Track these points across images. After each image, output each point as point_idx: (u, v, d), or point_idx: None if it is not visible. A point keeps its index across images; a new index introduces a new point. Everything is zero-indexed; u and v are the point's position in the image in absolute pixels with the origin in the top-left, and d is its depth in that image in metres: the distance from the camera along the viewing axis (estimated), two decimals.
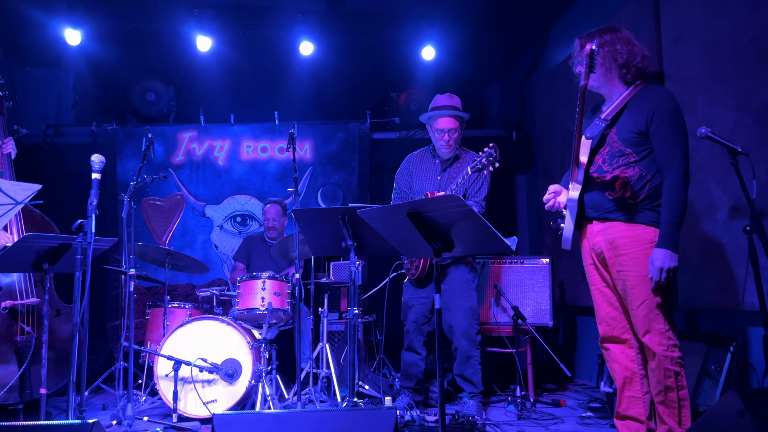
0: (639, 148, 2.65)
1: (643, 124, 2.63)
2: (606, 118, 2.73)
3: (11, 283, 3.63)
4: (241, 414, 1.99)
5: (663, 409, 2.61)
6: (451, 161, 3.95)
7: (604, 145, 2.73)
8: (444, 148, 3.91)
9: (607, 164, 2.72)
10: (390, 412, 1.94)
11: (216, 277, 6.00)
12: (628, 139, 2.66)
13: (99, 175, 2.82)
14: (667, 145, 2.60)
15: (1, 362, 3.52)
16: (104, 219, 5.75)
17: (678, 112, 2.63)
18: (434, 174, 3.97)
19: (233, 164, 6.21)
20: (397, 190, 4.10)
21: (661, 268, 2.52)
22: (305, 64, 6.26)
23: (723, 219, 3.42)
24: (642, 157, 2.66)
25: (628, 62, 2.69)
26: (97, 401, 4.26)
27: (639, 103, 2.66)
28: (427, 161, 4.04)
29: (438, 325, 2.53)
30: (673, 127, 2.61)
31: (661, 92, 2.70)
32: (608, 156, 2.72)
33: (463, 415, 3.11)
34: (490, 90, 6.83)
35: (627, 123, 2.67)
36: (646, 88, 2.71)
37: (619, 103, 2.71)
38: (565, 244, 2.82)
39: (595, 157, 2.75)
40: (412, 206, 2.40)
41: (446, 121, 3.87)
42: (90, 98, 6.37)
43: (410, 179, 4.04)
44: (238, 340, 3.75)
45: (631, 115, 2.67)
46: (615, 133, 2.70)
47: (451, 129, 3.85)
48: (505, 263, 4.51)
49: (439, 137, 3.88)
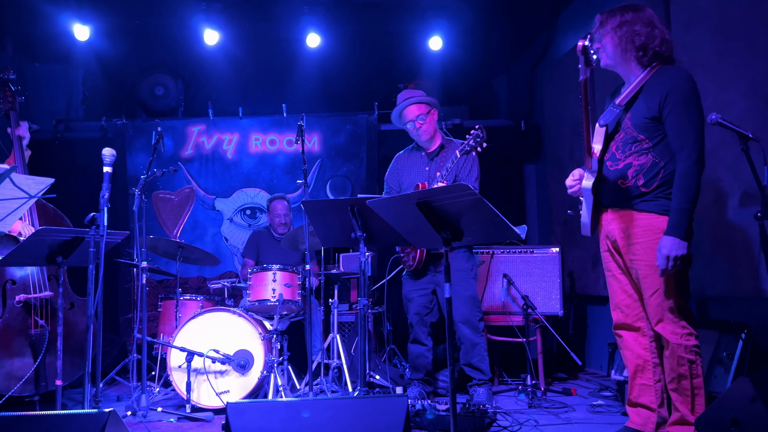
0: (652, 134, 2.59)
1: (656, 109, 2.56)
2: (621, 104, 2.68)
3: (25, 277, 3.67)
4: (254, 402, 2.02)
5: (676, 396, 2.61)
6: (437, 151, 3.95)
7: (619, 131, 2.68)
8: (422, 137, 3.90)
9: (620, 151, 2.67)
10: (402, 400, 1.96)
11: (227, 269, 6.04)
12: (641, 125, 2.61)
13: (110, 168, 2.84)
14: (680, 129, 2.53)
15: (17, 355, 3.57)
16: (115, 213, 5.76)
17: (693, 94, 2.55)
18: (422, 166, 3.97)
19: (242, 157, 6.23)
20: (387, 190, 4.11)
21: (668, 256, 2.47)
22: (312, 56, 6.25)
23: (734, 206, 3.40)
24: (655, 143, 2.60)
25: (645, 45, 2.60)
26: (111, 393, 4.32)
27: (653, 86, 2.59)
28: (414, 156, 4.05)
29: (448, 314, 2.53)
30: (687, 110, 2.53)
31: (676, 73, 2.60)
32: (622, 143, 2.67)
33: (474, 404, 3.12)
34: (498, 80, 6.80)
35: (641, 108, 2.61)
36: (662, 69, 2.63)
37: (634, 87, 2.65)
38: (584, 230, 2.80)
39: (610, 144, 2.70)
40: (422, 195, 2.40)
41: (410, 110, 3.87)
42: (99, 93, 6.41)
43: (399, 177, 4.05)
44: (250, 332, 3.78)
45: (645, 100, 2.60)
46: (629, 119, 2.64)
47: (419, 115, 3.85)
48: (514, 253, 4.51)
49: (411, 128, 3.89)
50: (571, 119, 5.40)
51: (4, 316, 3.56)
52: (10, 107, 3.70)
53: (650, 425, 2.75)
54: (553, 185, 5.98)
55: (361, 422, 1.96)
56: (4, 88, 3.70)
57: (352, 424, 1.96)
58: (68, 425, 1.96)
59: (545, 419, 3.39)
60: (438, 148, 3.95)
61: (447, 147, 3.95)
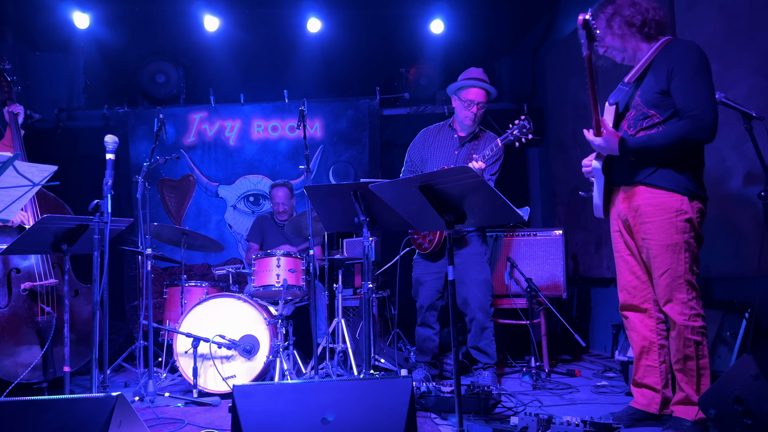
0: (663, 109, 2.57)
1: (665, 82, 2.54)
2: (629, 81, 2.67)
3: (30, 266, 3.69)
4: (260, 385, 2.03)
5: (681, 376, 2.62)
6: (469, 138, 3.92)
7: (630, 110, 2.67)
8: (468, 120, 3.86)
9: (631, 128, 2.66)
10: (406, 381, 1.97)
11: (231, 256, 6.06)
12: (650, 100, 2.59)
13: (113, 155, 2.83)
14: (687, 97, 2.49)
15: (24, 343, 3.60)
16: (119, 201, 5.81)
17: (702, 65, 2.51)
18: (452, 149, 3.94)
19: (244, 144, 6.23)
20: (408, 162, 4.07)
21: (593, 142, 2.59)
22: (313, 41, 6.22)
23: (738, 186, 3.39)
24: (666, 117, 2.57)
25: (644, 21, 2.60)
26: (118, 379, 4.35)
27: (661, 60, 2.58)
28: (444, 135, 4.00)
29: (452, 298, 2.54)
30: (695, 79, 2.49)
31: (682, 45, 2.58)
32: (633, 120, 2.65)
33: (479, 386, 3.14)
34: (500, 62, 6.76)
35: (650, 83, 2.59)
36: (670, 43, 2.61)
37: (642, 63, 2.64)
38: (597, 212, 2.81)
39: (621, 123, 2.70)
40: (424, 179, 2.41)
41: (477, 92, 3.84)
42: (101, 81, 6.39)
43: (423, 152, 4.01)
44: (255, 317, 3.80)
45: (654, 75, 2.59)
46: (639, 96, 2.63)
47: (480, 102, 3.83)
48: (518, 236, 4.51)
49: (467, 108, 3.84)
50: (574, 102, 5.37)
51: (11, 305, 3.59)
52: (6, 97, 3.69)
53: (654, 405, 2.78)
54: (556, 168, 5.97)
55: (366, 403, 1.97)
56: (0, 79, 3.69)
57: (358, 405, 1.97)
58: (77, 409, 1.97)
59: (549, 400, 3.41)
60: (472, 135, 3.93)
61: (481, 137, 3.94)
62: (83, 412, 1.97)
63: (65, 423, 1.96)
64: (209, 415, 3.27)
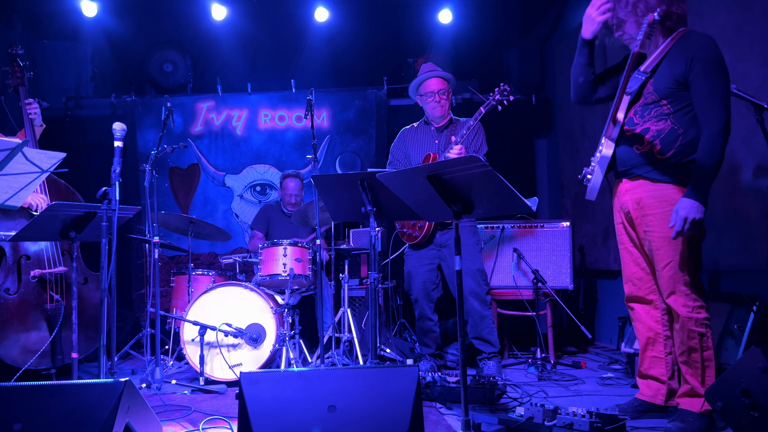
0: (674, 100, 2.55)
1: (681, 74, 2.52)
2: (646, 71, 2.64)
3: (39, 252, 3.71)
4: (267, 372, 2.04)
5: (686, 369, 2.62)
6: (445, 126, 4.01)
7: (639, 98, 2.65)
8: (437, 111, 3.95)
9: (638, 116, 2.64)
10: (413, 369, 1.98)
11: (238, 245, 6.08)
12: (663, 90, 2.57)
13: (121, 143, 2.84)
14: (706, 95, 2.48)
15: (33, 329, 3.62)
16: (126, 190, 5.80)
17: (719, 60, 2.50)
18: (431, 139, 4.03)
19: (251, 133, 6.23)
20: (391, 160, 4.17)
21: (686, 218, 2.42)
22: (321, 30, 6.20)
23: (747, 179, 3.36)
24: (677, 109, 2.56)
25: (668, 12, 2.56)
26: (126, 366, 4.38)
27: (678, 52, 2.55)
28: (422, 130, 4.10)
29: (458, 287, 2.54)
30: (714, 75, 2.48)
31: (701, 39, 2.55)
32: (641, 108, 2.63)
33: (484, 376, 3.15)
34: (508, 53, 6.72)
35: (665, 73, 2.57)
36: (687, 35, 2.59)
37: (659, 53, 2.61)
38: (590, 194, 2.75)
39: (629, 111, 2.68)
40: (432, 168, 2.39)
41: (434, 82, 3.94)
42: (108, 70, 6.40)
43: (406, 148, 4.10)
44: (262, 306, 3.81)
45: (669, 65, 2.57)
46: (651, 84, 2.60)
47: (440, 90, 3.93)
48: (525, 227, 4.50)
49: (430, 99, 3.94)
50: None
51: (20, 291, 3.61)
52: (19, 83, 3.69)
53: (660, 397, 2.77)
54: (564, 159, 5.94)
55: (373, 391, 1.98)
56: (13, 64, 3.70)
57: (365, 393, 1.98)
58: (85, 394, 1.99)
59: (555, 391, 3.42)
60: (447, 123, 4.02)
61: (455, 123, 4.03)
62: (92, 398, 1.99)
63: (74, 408, 1.98)
64: (215, 403, 3.29)
